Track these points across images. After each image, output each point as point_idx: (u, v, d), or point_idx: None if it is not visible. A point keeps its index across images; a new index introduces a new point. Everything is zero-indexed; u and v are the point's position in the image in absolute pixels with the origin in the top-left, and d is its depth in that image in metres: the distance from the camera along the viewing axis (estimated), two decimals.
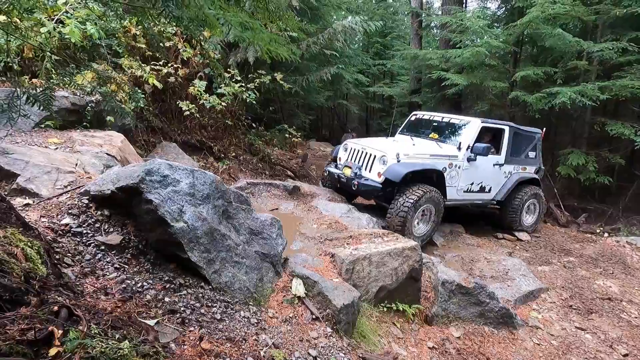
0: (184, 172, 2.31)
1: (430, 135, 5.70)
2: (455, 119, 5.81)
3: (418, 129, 6.09)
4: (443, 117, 5.92)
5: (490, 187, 5.74)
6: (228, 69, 6.38)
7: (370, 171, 4.93)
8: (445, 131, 5.75)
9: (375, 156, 4.92)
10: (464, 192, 5.45)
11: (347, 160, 5.34)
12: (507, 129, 5.77)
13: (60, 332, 1.09)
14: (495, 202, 5.91)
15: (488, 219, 6.61)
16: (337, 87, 10.51)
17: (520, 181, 5.95)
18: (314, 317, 2.45)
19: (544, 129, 6.53)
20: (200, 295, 2.08)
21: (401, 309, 3.12)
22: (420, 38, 12.04)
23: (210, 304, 2.06)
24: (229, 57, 6.55)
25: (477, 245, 5.49)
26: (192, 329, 1.81)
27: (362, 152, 5.14)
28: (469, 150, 5.26)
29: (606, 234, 6.95)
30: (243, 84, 6.27)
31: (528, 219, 6.23)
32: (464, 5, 11.40)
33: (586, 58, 7.84)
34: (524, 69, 8.26)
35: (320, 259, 3.11)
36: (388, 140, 5.67)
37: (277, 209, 4.74)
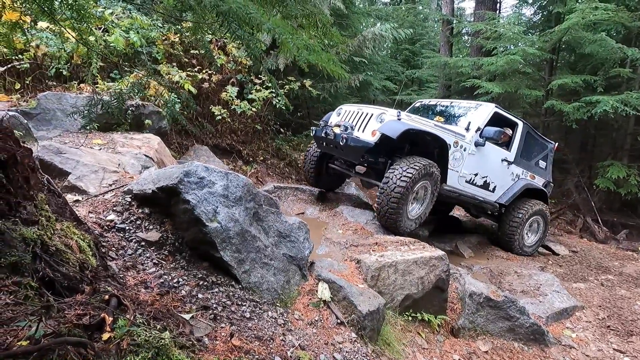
0: (218, 175, 2.41)
1: (435, 119, 4.95)
2: (465, 102, 5.24)
3: (423, 114, 5.42)
4: (452, 102, 5.39)
5: (495, 186, 5.10)
6: (259, 76, 6.56)
7: (364, 131, 4.23)
8: (453, 115, 5.13)
9: (372, 114, 4.25)
10: (465, 182, 4.76)
11: (339, 121, 4.63)
12: (520, 124, 5.25)
13: (111, 319, 1.19)
14: (497, 206, 5.26)
15: None
16: (365, 94, 10.52)
17: (527, 189, 5.37)
18: (339, 321, 2.48)
19: (557, 143, 6.07)
20: (231, 293, 2.16)
21: (426, 319, 3.08)
22: (450, 45, 11.87)
23: (240, 303, 2.13)
24: (260, 64, 6.73)
25: (507, 258, 5.31)
26: (223, 325, 1.89)
27: (358, 112, 4.46)
28: (479, 133, 4.64)
29: None
30: (273, 90, 6.43)
31: (529, 239, 5.54)
32: (497, 12, 11.16)
33: (630, 65, 7.46)
34: (561, 76, 7.96)
35: (346, 265, 3.13)
36: None
37: (303, 213, 4.82)
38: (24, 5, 1.26)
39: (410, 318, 3.02)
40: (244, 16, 1.13)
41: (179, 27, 5.52)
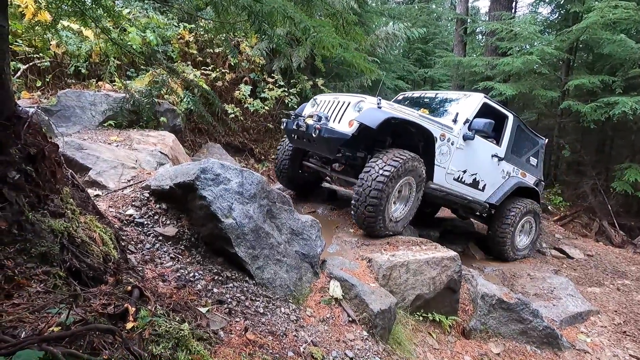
0: (234, 172, 2.45)
1: (420, 111, 4.45)
2: (451, 93, 4.89)
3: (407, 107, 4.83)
4: (437, 94, 5.01)
5: (485, 184, 4.70)
6: (272, 75, 6.61)
7: (340, 121, 3.80)
8: (439, 107, 4.73)
9: (349, 103, 3.81)
10: (453, 179, 4.34)
11: (313, 112, 4.18)
12: (511, 117, 4.88)
13: (134, 309, 1.23)
14: (487, 206, 4.85)
15: None
16: (376, 93, 10.51)
17: (518, 187, 5.01)
18: (350, 319, 2.49)
19: (547, 139, 5.70)
20: (245, 289, 2.19)
21: (437, 319, 3.07)
22: (464, 45, 11.74)
23: (254, 298, 2.16)
24: (273, 63, 6.78)
25: (520, 260, 5.24)
26: (237, 319, 1.92)
27: (334, 101, 4.01)
28: (467, 125, 4.24)
29: None
30: (285, 89, 6.47)
31: (521, 241, 5.22)
32: (513, 11, 10.99)
33: None
34: (578, 77, 7.80)
35: (357, 263, 3.14)
36: None
37: (314, 211, 4.83)
38: (58, 5, 1.32)
39: (421, 318, 3.02)
40: (283, 16, 1.15)
41: (197, 26, 5.59)
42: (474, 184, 4.61)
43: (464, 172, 4.43)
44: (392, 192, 3.55)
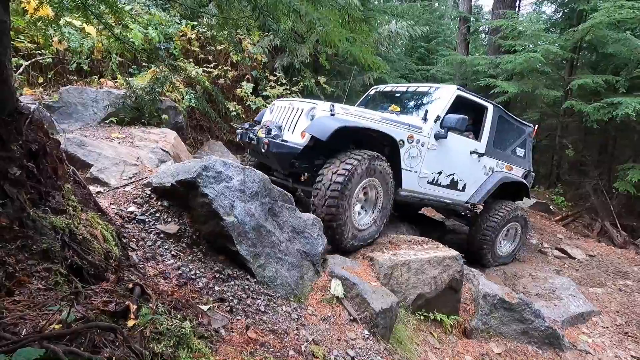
0: (236, 170, 2.44)
1: (390, 108, 4.10)
2: (423, 86, 4.47)
3: (378, 103, 4.63)
4: (408, 87, 4.62)
5: (465, 184, 4.34)
6: (274, 72, 6.59)
7: (293, 132, 3.43)
8: (410, 102, 4.37)
9: (302, 110, 3.44)
10: (428, 182, 3.99)
11: (267, 121, 3.88)
12: (490, 107, 4.46)
13: (135, 307, 1.22)
14: (470, 207, 4.55)
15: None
16: None
17: (504, 183, 4.64)
18: (351, 318, 2.49)
19: (536, 125, 5.35)
20: (246, 287, 2.19)
21: (439, 319, 3.07)
22: (467, 43, 11.69)
23: (255, 296, 2.16)
24: (275, 61, 6.76)
25: (521, 260, 5.23)
26: (239, 317, 1.92)
27: (289, 108, 3.65)
28: (438, 123, 3.85)
29: None
30: (287, 87, 6.46)
31: (504, 247, 4.87)
32: (516, 9, 10.94)
33: None
34: (582, 76, 7.76)
35: (359, 262, 3.14)
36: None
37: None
38: (60, 1, 1.31)
39: (422, 317, 3.02)
40: (288, 9, 1.14)
41: (200, 23, 5.58)
42: (453, 185, 4.27)
43: (439, 173, 4.08)
44: (352, 197, 3.16)
